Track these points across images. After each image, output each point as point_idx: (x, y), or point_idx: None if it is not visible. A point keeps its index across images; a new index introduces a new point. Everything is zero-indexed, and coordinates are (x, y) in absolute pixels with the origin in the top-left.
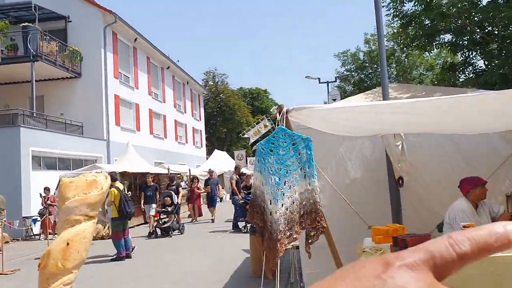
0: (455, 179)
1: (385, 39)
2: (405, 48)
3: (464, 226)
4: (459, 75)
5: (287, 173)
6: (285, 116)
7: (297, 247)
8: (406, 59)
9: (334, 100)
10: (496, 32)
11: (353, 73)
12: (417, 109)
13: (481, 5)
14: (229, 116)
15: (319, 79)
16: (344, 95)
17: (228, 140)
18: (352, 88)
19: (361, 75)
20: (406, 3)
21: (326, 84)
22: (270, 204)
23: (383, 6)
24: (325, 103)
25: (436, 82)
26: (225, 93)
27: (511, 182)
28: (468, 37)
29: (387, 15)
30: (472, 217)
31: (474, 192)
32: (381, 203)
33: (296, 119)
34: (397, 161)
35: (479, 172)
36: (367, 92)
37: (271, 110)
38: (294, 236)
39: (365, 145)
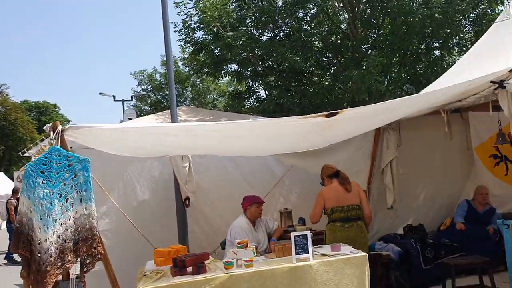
0: (238, 199)
1: (181, 63)
2: (197, 74)
3: (239, 243)
4: (245, 103)
5: (60, 197)
6: (60, 135)
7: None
8: (201, 84)
9: (130, 119)
10: (274, 66)
11: (149, 93)
12: (198, 132)
13: (262, 41)
14: (9, 132)
15: (114, 96)
16: (141, 114)
17: (7, 159)
18: (149, 108)
19: (157, 96)
20: (197, 31)
21: (121, 102)
22: (40, 232)
23: (175, 31)
24: (121, 121)
25: (228, 108)
26: (4, 105)
27: (285, 199)
28: (251, 68)
29: (179, 39)
30: (250, 233)
31: (250, 209)
32: (169, 224)
33: (75, 139)
34: (185, 181)
35: (258, 192)
36: (158, 113)
37: (44, 127)
38: (67, 266)
39: (154, 165)
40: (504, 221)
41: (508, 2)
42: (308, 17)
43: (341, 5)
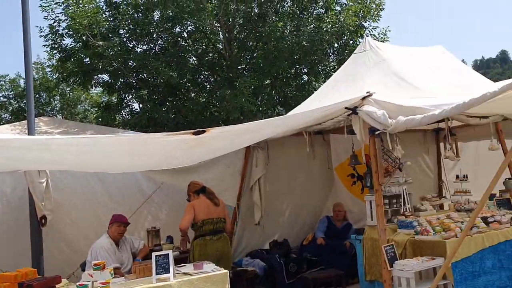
0: (102, 217)
1: (49, 69)
2: (64, 82)
3: (95, 264)
4: (116, 115)
5: None
6: None
7: None
8: (71, 93)
9: None
10: (148, 79)
11: (11, 101)
12: (51, 146)
13: (136, 53)
14: None
15: None
16: (1, 123)
17: None
18: (10, 117)
19: (21, 104)
20: (65, 38)
21: None
22: None
23: (41, 36)
24: None
25: (100, 119)
26: None
27: (153, 218)
28: (123, 80)
29: (45, 45)
30: (113, 253)
31: (111, 228)
32: (22, 245)
33: None
34: (41, 199)
35: (124, 209)
36: (15, 123)
37: None
38: None
39: (6, 181)
40: (356, 236)
41: (367, 36)
42: (185, 33)
43: (218, 25)
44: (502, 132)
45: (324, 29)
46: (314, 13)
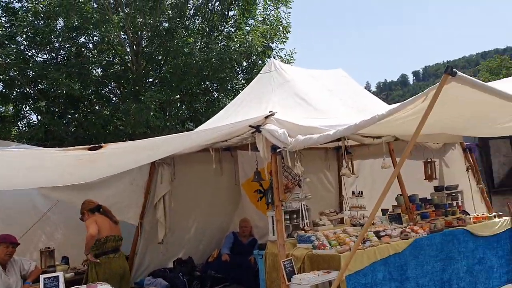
0: None
1: None
2: None
3: None
4: (12, 127)
5: None
6: None
7: None
8: None
9: None
10: (48, 90)
11: None
12: None
13: (35, 62)
14: None
15: None
16: None
17: None
18: None
19: None
20: None
21: None
22: None
23: None
24: None
25: None
26: None
27: (47, 237)
28: (20, 90)
29: None
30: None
31: None
32: None
33: None
34: None
35: (15, 229)
36: None
37: None
38: None
39: None
40: (259, 251)
41: (274, 57)
42: (90, 44)
43: (125, 37)
44: (394, 151)
45: (233, 48)
46: (224, 31)
